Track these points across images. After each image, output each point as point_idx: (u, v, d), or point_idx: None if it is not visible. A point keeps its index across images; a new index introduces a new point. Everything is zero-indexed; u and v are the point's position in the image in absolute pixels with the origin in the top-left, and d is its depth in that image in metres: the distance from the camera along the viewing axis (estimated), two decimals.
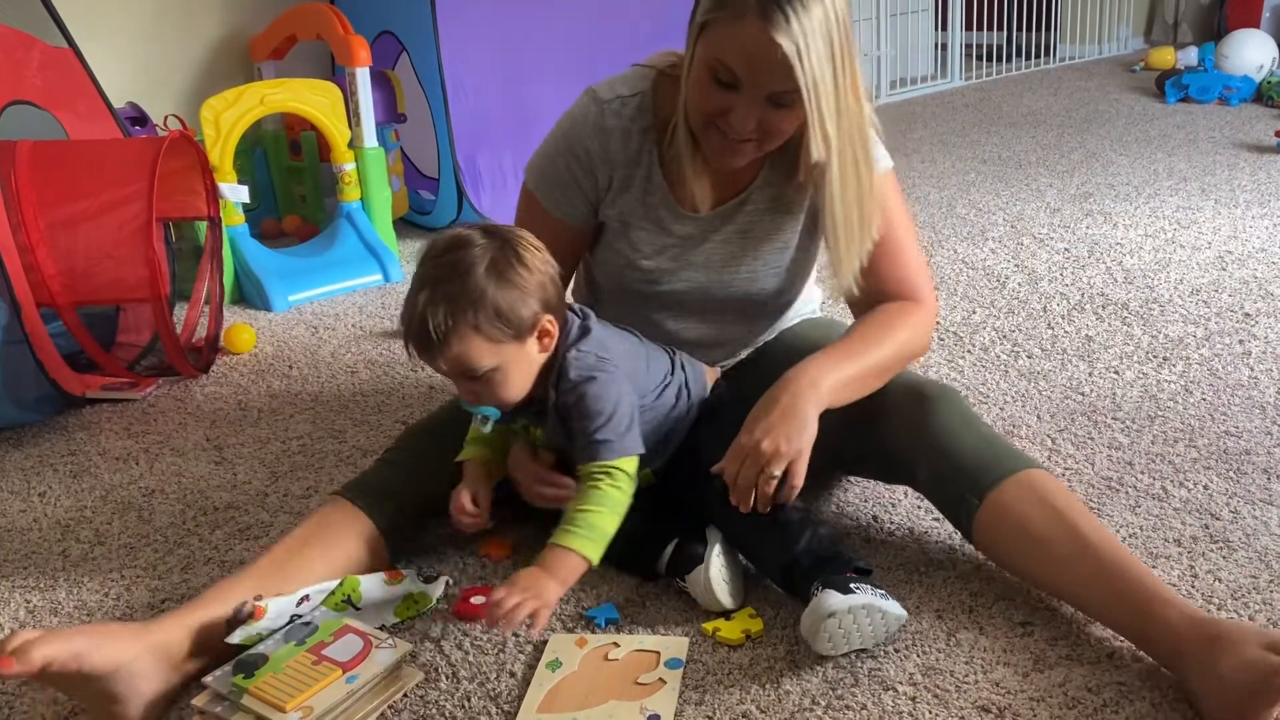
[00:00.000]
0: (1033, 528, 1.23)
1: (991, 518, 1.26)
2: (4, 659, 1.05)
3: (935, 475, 1.32)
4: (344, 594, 1.27)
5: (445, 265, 1.22)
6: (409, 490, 1.39)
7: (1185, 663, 1.10)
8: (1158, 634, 1.13)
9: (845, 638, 1.16)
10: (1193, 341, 2.01)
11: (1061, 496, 1.26)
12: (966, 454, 1.30)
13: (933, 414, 1.33)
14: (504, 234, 1.26)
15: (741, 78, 1.21)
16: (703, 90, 1.25)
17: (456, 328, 1.20)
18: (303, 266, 2.58)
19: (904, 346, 1.37)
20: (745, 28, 1.18)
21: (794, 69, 1.18)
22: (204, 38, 3.05)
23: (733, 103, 1.23)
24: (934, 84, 4.94)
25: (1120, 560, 1.19)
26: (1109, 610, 1.18)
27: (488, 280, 1.20)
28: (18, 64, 2.14)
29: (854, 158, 1.29)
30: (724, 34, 1.20)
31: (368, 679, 1.15)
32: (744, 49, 1.19)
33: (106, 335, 2.18)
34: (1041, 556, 1.23)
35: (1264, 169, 3.17)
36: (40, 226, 1.94)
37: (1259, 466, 1.56)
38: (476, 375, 1.24)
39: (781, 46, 1.17)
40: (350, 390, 2.02)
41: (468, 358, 1.22)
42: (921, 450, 1.32)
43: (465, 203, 2.86)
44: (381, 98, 2.79)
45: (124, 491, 1.69)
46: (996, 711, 1.11)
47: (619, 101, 1.37)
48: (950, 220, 2.86)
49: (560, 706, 1.15)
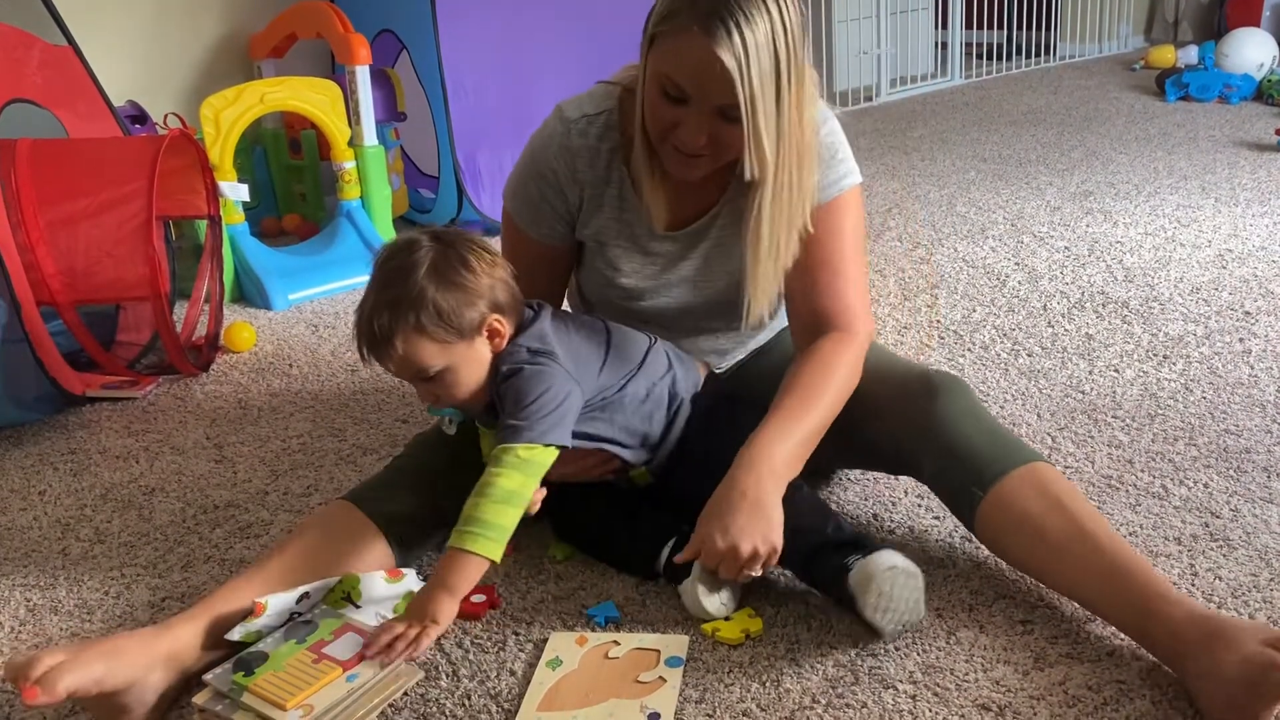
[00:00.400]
0: (1035, 521, 1.23)
1: (995, 510, 1.26)
2: (29, 688, 1.05)
3: (940, 466, 1.32)
4: (344, 591, 1.27)
5: (391, 270, 1.24)
6: (420, 503, 1.37)
7: (1185, 660, 1.10)
8: (1158, 630, 1.13)
9: (889, 599, 1.17)
10: (1193, 340, 2.01)
11: (1065, 490, 1.26)
12: (972, 446, 1.30)
13: (940, 405, 1.33)
14: (450, 237, 1.28)
15: (688, 92, 1.21)
16: (654, 105, 1.25)
17: (400, 329, 1.23)
18: (303, 265, 2.58)
19: (843, 394, 1.34)
20: (689, 42, 1.18)
21: (734, 84, 1.17)
22: (204, 36, 3.05)
23: (682, 116, 1.23)
24: (934, 82, 4.94)
25: (1123, 556, 1.19)
26: (1110, 605, 1.18)
27: (429, 282, 1.23)
28: (18, 62, 2.14)
29: (789, 180, 1.27)
30: (670, 48, 1.20)
31: (368, 678, 1.15)
32: (688, 63, 1.19)
33: (106, 334, 2.18)
34: (1043, 549, 1.23)
35: (1264, 167, 3.17)
36: (40, 225, 1.94)
37: (1259, 465, 1.56)
38: (428, 376, 1.26)
39: (722, 60, 1.16)
40: (350, 389, 2.02)
41: (415, 358, 1.24)
42: (928, 441, 1.32)
43: (465, 201, 2.86)
44: (381, 96, 2.79)
45: (124, 490, 1.69)
46: (997, 710, 1.11)
47: (585, 121, 1.36)
48: (950, 218, 2.86)
49: (560, 705, 1.15)
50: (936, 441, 1.31)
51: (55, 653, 1.09)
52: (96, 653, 1.11)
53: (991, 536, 1.29)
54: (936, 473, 1.33)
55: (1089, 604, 1.22)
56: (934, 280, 2.41)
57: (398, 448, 1.76)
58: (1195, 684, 1.09)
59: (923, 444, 1.33)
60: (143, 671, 1.13)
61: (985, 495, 1.26)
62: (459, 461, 1.39)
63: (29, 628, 1.35)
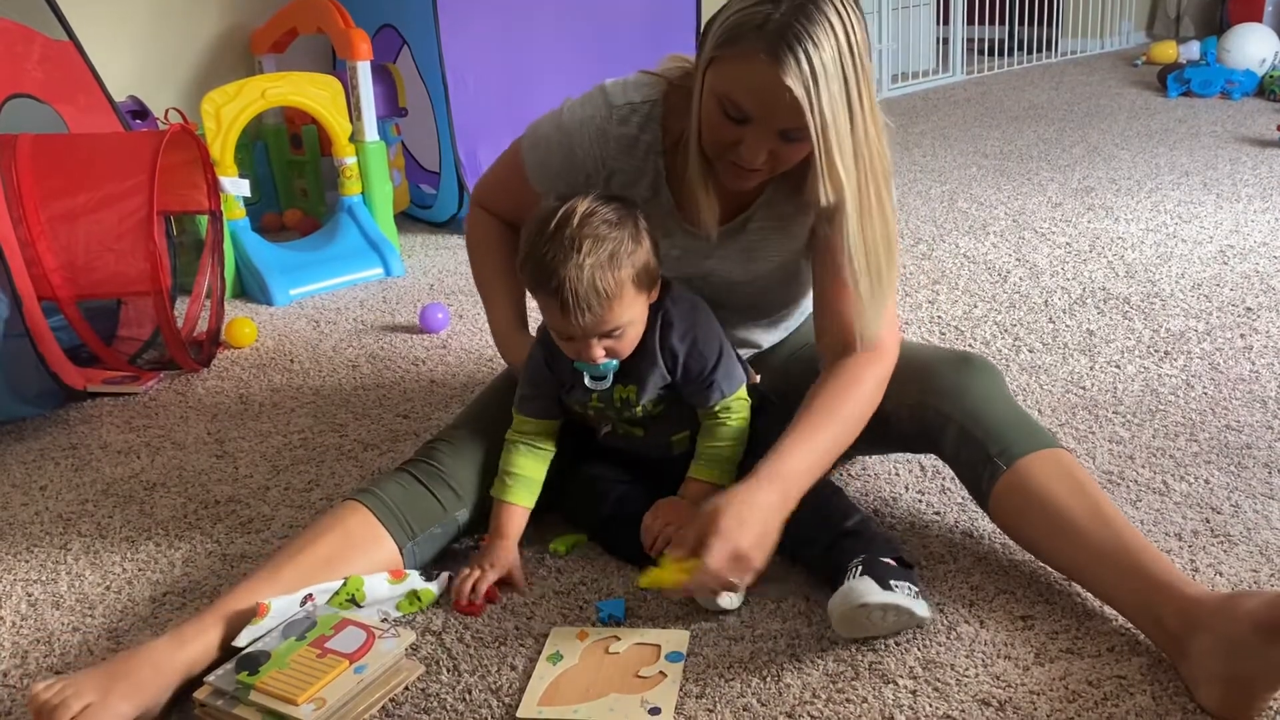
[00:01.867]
0: (1055, 498, 1.24)
1: (1016, 482, 1.27)
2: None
3: (965, 436, 1.32)
4: (348, 593, 1.27)
5: (592, 227, 1.23)
6: (433, 514, 1.36)
7: (1181, 651, 1.11)
8: (1165, 616, 1.13)
9: (863, 630, 1.20)
10: (1194, 336, 2.00)
11: (1085, 476, 1.27)
12: (1001, 419, 1.32)
13: (974, 381, 1.35)
14: (617, 198, 1.29)
15: (752, 115, 1.19)
16: (713, 122, 1.23)
17: (620, 285, 1.24)
18: (304, 260, 2.58)
19: (865, 414, 1.33)
20: (755, 68, 1.15)
21: (803, 111, 1.16)
22: (205, 31, 3.05)
23: (743, 135, 1.21)
24: (935, 78, 4.93)
25: (1137, 541, 1.19)
26: (1117, 588, 1.19)
27: (632, 238, 1.25)
28: (18, 57, 2.14)
29: (876, 195, 1.25)
30: (733, 71, 1.18)
31: (376, 668, 1.16)
32: (753, 89, 1.17)
33: (108, 329, 2.18)
34: (1059, 527, 1.23)
35: (1266, 163, 3.16)
36: (41, 220, 1.94)
37: (1260, 460, 1.56)
38: (617, 329, 1.27)
39: (791, 89, 1.14)
40: (352, 384, 2.02)
41: (622, 313, 1.26)
42: (957, 411, 1.33)
43: (466, 197, 2.86)
44: (382, 92, 2.79)
45: (125, 485, 1.69)
46: (997, 705, 1.11)
47: (628, 108, 1.35)
48: (952, 214, 2.85)
49: (561, 699, 1.15)
50: (966, 413, 1.32)
51: (81, 690, 1.09)
52: (122, 690, 1.11)
53: (1006, 509, 1.29)
54: (959, 443, 1.33)
55: (1096, 585, 1.22)
56: (935, 276, 2.41)
57: (399, 443, 1.76)
58: (1186, 674, 1.10)
59: (953, 413, 1.33)
60: (159, 695, 1.14)
61: (1008, 469, 1.27)
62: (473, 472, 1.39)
63: (30, 622, 1.35)
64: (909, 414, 1.37)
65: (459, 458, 1.40)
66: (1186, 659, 1.11)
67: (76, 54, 2.31)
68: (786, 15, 1.14)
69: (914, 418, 1.37)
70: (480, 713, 1.15)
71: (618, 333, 1.28)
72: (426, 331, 2.25)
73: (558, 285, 1.22)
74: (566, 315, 1.24)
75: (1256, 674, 1.05)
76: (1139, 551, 1.18)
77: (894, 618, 1.18)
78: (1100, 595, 1.22)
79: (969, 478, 1.33)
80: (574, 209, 1.24)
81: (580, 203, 1.25)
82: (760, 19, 1.15)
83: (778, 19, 1.14)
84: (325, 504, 1.59)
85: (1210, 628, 1.08)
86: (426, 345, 2.19)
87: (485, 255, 1.55)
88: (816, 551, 1.29)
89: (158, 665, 1.15)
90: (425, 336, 2.23)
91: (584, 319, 1.24)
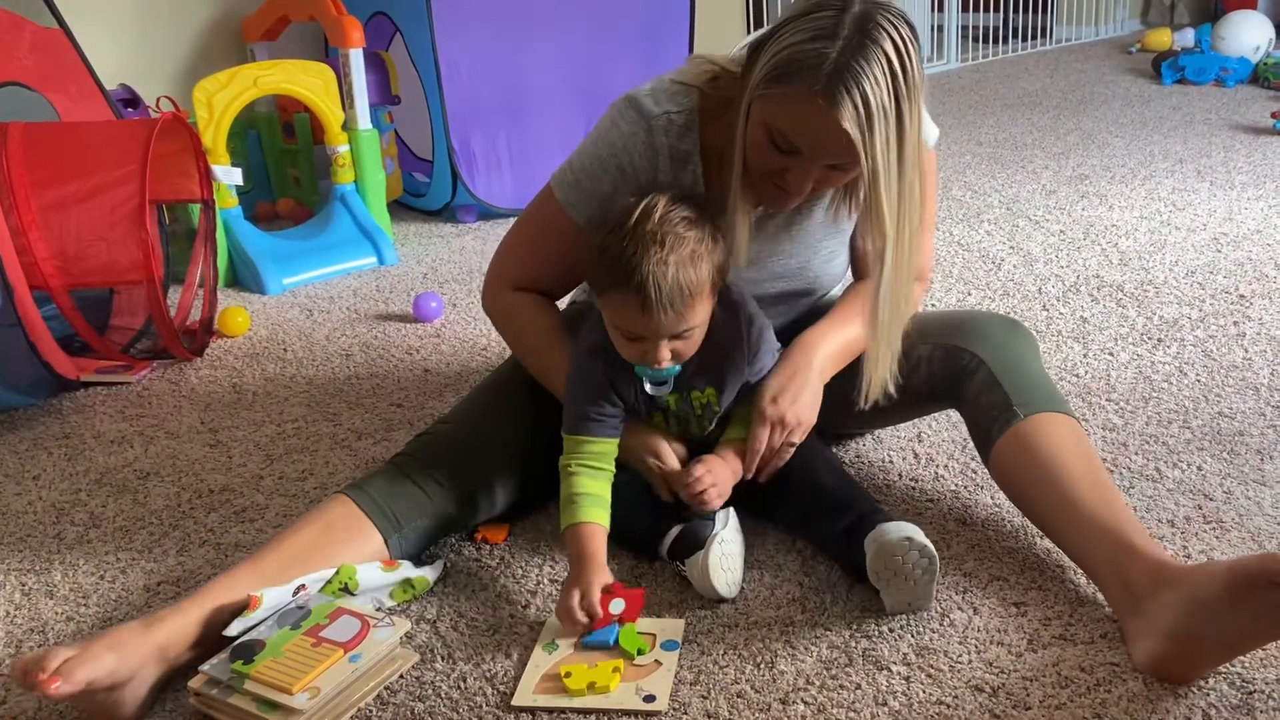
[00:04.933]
0: (1060, 454, 1.27)
1: (1027, 434, 1.30)
2: (49, 678, 1.05)
3: (992, 384, 1.35)
4: (341, 582, 1.26)
5: (673, 224, 1.21)
6: (421, 508, 1.34)
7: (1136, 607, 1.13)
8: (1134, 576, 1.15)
9: (894, 571, 1.19)
10: (1187, 323, 2.01)
11: (1092, 448, 1.33)
12: (1030, 376, 1.36)
13: (1015, 339, 1.40)
14: (690, 196, 1.26)
15: (802, 149, 1.18)
16: (759, 150, 1.21)
17: (701, 283, 1.22)
18: (297, 249, 2.57)
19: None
20: (809, 107, 1.13)
21: (857, 150, 1.14)
22: (196, 19, 3.03)
23: (790, 164, 1.20)
24: (930, 65, 4.92)
25: (1127, 513, 1.22)
26: (1094, 547, 1.20)
27: (711, 237, 1.24)
28: (8, 45, 2.13)
29: (908, 243, 1.23)
30: (785, 108, 1.15)
31: (371, 658, 1.16)
32: (806, 126, 1.15)
33: (101, 319, 2.18)
34: (1054, 480, 1.25)
35: (1260, 151, 3.17)
36: (32, 209, 1.93)
37: (1252, 447, 1.56)
38: (686, 330, 1.26)
39: (847, 131, 1.12)
40: (345, 373, 2.02)
41: (698, 313, 1.25)
42: (993, 359, 1.36)
43: (459, 185, 2.85)
44: (375, 79, 2.78)
45: (119, 474, 1.69)
46: (990, 691, 1.12)
47: (666, 119, 1.31)
48: (946, 202, 2.85)
49: (557, 688, 1.15)
50: (1002, 361, 1.36)
51: (61, 649, 1.09)
52: (103, 646, 1.11)
53: (1009, 462, 1.31)
54: (985, 387, 1.35)
55: (1073, 545, 1.24)
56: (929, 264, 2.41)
57: (393, 432, 1.76)
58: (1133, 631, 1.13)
59: (988, 358, 1.36)
60: (140, 665, 1.13)
61: (1025, 419, 1.30)
62: (466, 464, 1.38)
63: (24, 612, 1.35)
64: (943, 355, 1.39)
65: (448, 451, 1.39)
66: (1139, 613, 1.12)
67: (67, 42, 2.30)
68: (844, 55, 1.11)
69: (947, 358, 1.39)
70: (475, 700, 1.15)
71: (688, 333, 1.26)
72: (420, 320, 2.24)
73: (641, 281, 1.18)
74: (648, 313, 1.20)
75: (1210, 636, 1.06)
76: (1124, 519, 1.20)
77: (925, 564, 1.19)
78: (1073, 553, 1.24)
79: (981, 422, 1.35)
80: (654, 205, 1.21)
81: (659, 199, 1.22)
82: (816, 57, 1.12)
83: (834, 58, 1.11)
84: (319, 493, 1.59)
85: (1178, 584, 1.09)
86: (420, 334, 2.18)
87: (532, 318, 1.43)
88: (834, 528, 1.30)
89: (133, 635, 1.14)
90: (419, 325, 2.23)
91: (666, 316, 1.21)
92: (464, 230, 2.89)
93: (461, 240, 2.80)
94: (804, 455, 1.36)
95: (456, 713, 1.14)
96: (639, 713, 1.12)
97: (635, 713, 1.12)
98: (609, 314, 1.27)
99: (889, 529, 1.20)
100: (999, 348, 1.38)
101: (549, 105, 2.88)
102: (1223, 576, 1.05)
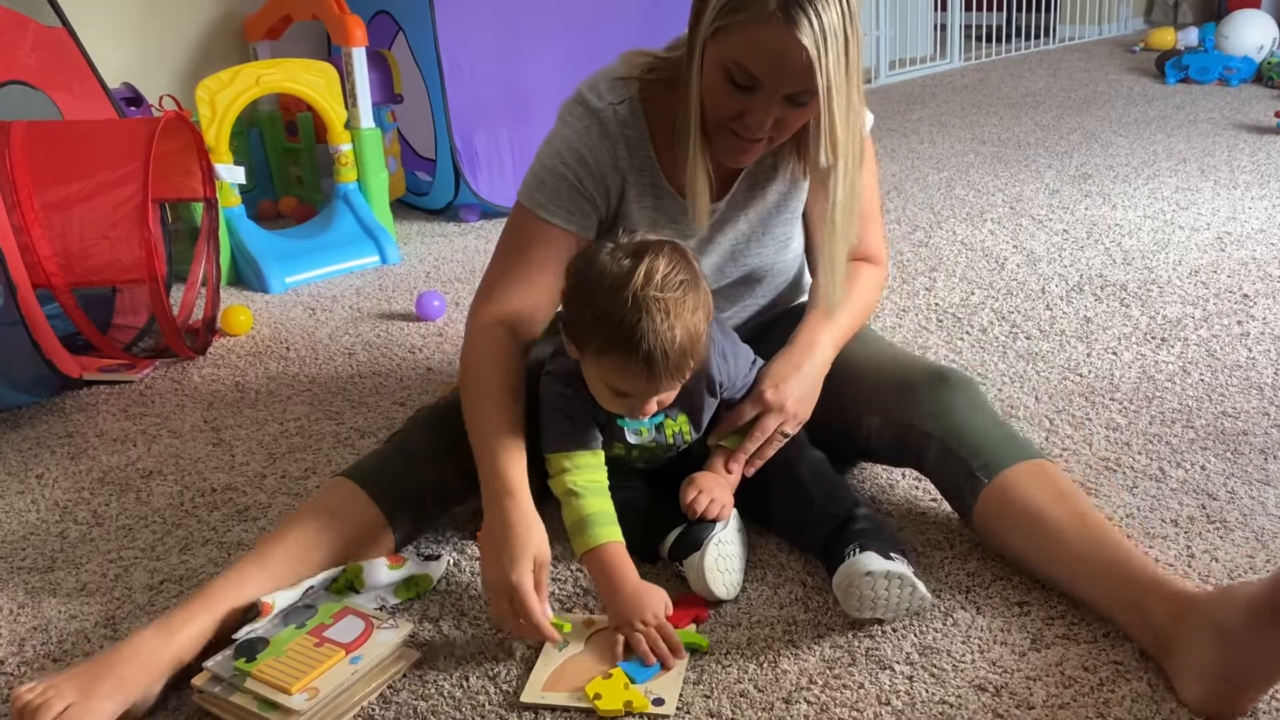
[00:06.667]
0: (1037, 505, 1.24)
1: (998, 495, 1.27)
2: None
3: (946, 452, 1.32)
4: (347, 580, 1.27)
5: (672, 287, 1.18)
6: (419, 480, 1.35)
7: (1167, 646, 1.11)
8: (1152, 612, 1.12)
9: (873, 602, 1.19)
10: (1191, 322, 2.00)
11: (1069, 485, 1.27)
12: (980, 434, 1.32)
13: (951, 394, 1.35)
14: (667, 242, 1.23)
15: (761, 79, 1.20)
16: (717, 93, 1.23)
17: (700, 340, 1.22)
18: (299, 248, 2.57)
19: (868, 303, 1.48)
20: (767, 29, 1.16)
21: (814, 70, 1.18)
22: (199, 18, 3.03)
23: (749, 104, 1.23)
24: (933, 64, 4.92)
25: (1121, 544, 1.19)
26: (1104, 590, 1.18)
27: (699, 286, 1.22)
28: (11, 44, 2.13)
29: (854, 163, 1.29)
30: (743, 36, 1.18)
31: (372, 660, 1.16)
32: (766, 51, 1.18)
33: (103, 317, 2.18)
34: (1042, 533, 1.23)
35: (1263, 150, 3.16)
36: (35, 207, 1.94)
37: (1256, 447, 1.56)
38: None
39: (806, 49, 1.16)
40: (347, 372, 2.02)
41: (695, 369, 1.24)
42: (939, 429, 1.33)
43: (462, 184, 2.85)
44: (378, 78, 2.78)
45: (122, 473, 1.69)
46: (993, 690, 1.12)
47: (612, 109, 1.35)
48: (949, 201, 2.85)
49: (565, 685, 1.15)
50: (946, 428, 1.32)
51: (63, 691, 1.08)
52: (105, 689, 1.10)
53: (990, 521, 1.29)
54: (941, 458, 1.33)
55: (1084, 593, 1.21)
56: (932, 263, 2.41)
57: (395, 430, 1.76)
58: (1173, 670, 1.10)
59: (933, 430, 1.33)
60: (148, 689, 1.13)
61: (989, 482, 1.27)
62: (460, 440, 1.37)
63: (28, 610, 1.35)
64: (890, 434, 1.38)
65: (441, 422, 1.38)
66: (1173, 653, 1.10)
67: (70, 40, 2.30)
68: None
69: (896, 439, 1.38)
70: (477, 699, 1.15)
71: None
72: (423, 319, 2.24)
73: (648, 351, 1.16)
74: (654, 380, 1.19)
75: (1247, 666, 1.04)
76: (1124, 553, 1.18)
77: (899, 590, 1.18)
78: (1087, 600, 1.21)
79: (952, 493, 1.34)
80: (652, 270, 1.18)
81: (659, 261, 1.19)
82: None
83: None
84: None
85: (1200, 617, 1.07)
86: (423, 333, 2.18)
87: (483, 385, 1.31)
88: (817, 540, 1.30)
89: (145, 659, 1.14)
90: (422, 324, 2.23)
91: (671, 381, 1.21)
92: (467, 229, 2.89)
93: (464, 239, 2.80)
94: (789, 453, 1.37)
95: (459, 711, 1.14)
96: (646, 715, 1.12)
97: (643, 715, 1.12)
98: (598, 372, 1.23)
99: (846, 571, 1.19)
100: (939, 415, 1.33)
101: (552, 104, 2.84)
102: (1240, 607, 1.03)
